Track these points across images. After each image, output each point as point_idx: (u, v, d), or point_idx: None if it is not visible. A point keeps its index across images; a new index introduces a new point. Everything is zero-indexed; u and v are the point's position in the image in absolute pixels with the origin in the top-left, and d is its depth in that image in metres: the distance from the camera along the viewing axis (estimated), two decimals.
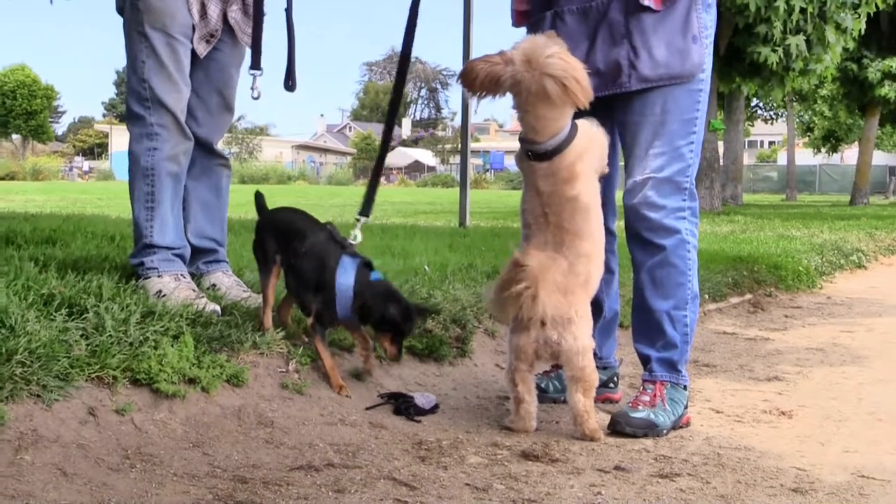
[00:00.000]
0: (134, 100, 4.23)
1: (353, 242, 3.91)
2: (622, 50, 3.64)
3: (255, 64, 4.43)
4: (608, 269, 3.77)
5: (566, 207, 3.44)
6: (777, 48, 17.88)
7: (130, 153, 4.28)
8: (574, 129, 3.46)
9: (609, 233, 3.91)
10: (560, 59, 3.34)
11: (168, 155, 4.21)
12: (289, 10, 4.46)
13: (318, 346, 3.84)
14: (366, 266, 3.83)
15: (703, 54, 3.68)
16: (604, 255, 3.58)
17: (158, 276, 4.17)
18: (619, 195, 3.82)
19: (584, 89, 3.34)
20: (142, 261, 4.23)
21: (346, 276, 3.75)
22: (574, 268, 3.43)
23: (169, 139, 4.20)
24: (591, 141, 3.52)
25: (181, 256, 4.33)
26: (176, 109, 4.21)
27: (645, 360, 3.83)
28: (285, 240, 3.95)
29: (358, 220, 4.03)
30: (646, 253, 3.76)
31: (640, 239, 3.77)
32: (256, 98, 4.41)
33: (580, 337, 3.47)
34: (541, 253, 3.41)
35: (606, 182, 3.87)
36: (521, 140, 3.54)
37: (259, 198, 4.25)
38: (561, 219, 3.45)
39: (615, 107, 3.75)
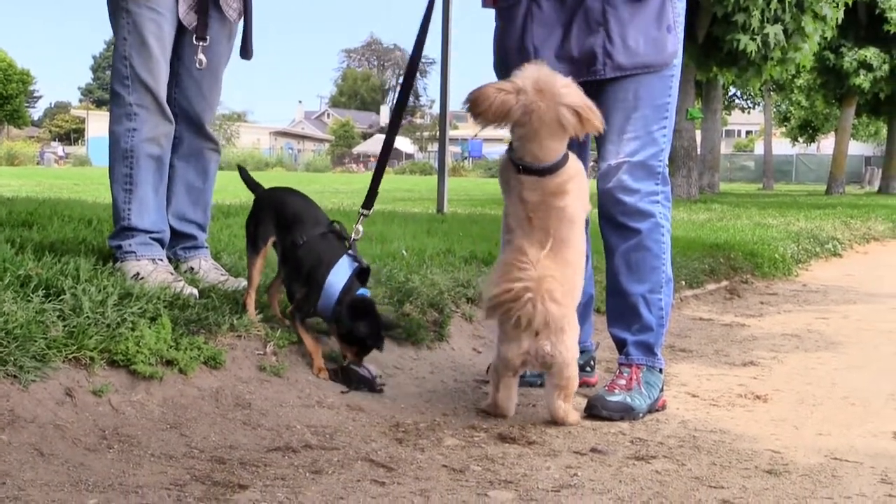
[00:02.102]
0: (115, 78, 4.20)
1: (356, 238, 3.92)
2: (598, 38, 3.65)
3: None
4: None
5: (552, 215, 3.41)
6: (755, 37, 17.94)
7: (111, 133, 4.24)
8: (567, 155, 3.47)
9: None
10: (574, 89, 3.37)
11: (147, 136, 4.18)
12: None
13: (299, 331, 3.85)
14: (360, 274, 3.84)
15: (676, 44, 3.72)
16: (584, 268, 3.59)
17: (136, 260, 4.15)
18: (591, 184, 3.83)
19: (599, 118, 3.38)
20: (119, 244, 4.21)
21: (337, 278, 3.77)
22: (563, 276, 3.40)
23: (148, 120, 4.17)
24: (580, 171, 3.53)
25: (160, 241, 4.30)
26: (156, 89, 4.18)
27: (621, 344, 3.85)
28: (286, 224, 3.94)
29: (361, 215, 4.04)
30: (620, 237, 3.77)
31: (614, 223, 3.78)
32: (200, 68, 4.31)
33: (571, 348, 3.45)
34: (539, 256, 3.35)
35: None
36: (512, 159, 3.51)
37: (243, 172, 4.24)
38: (547, 224, 3.41)
39: (588, 93, 3.76)
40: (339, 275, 3.78)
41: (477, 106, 3.38)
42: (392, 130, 4.27)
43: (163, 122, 4.23)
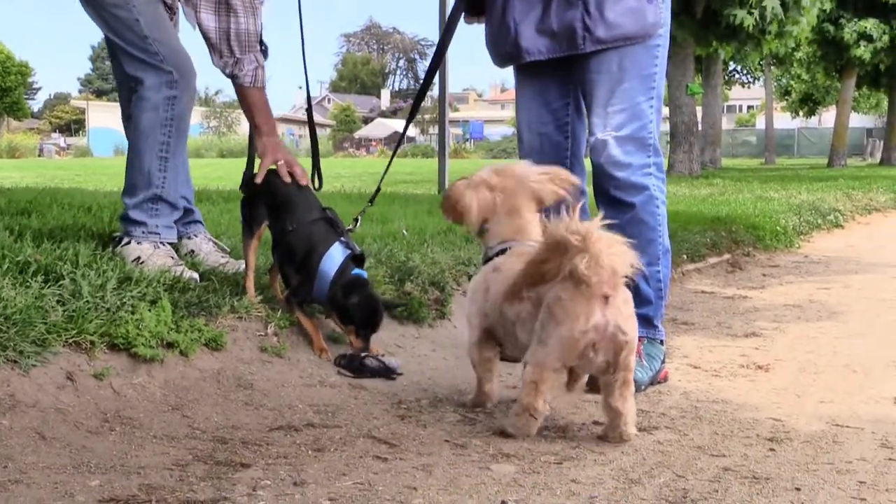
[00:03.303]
0: (140, 60, 4.13)
1: (350, 229, 3.92)
2: (576, 12, 3.64)
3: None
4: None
5: None
6: (753, 10, 17.89)
7: (143, 101, 4.15)
8: None
9: (580, 192, 3.93)
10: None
11: (186, 105, 4.20)
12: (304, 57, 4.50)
13: (297, 314, 3.86)
14: (355, 260, 3.85)
15: (658, 13, 3.69)
16: None
17: (138, 243, 4.14)
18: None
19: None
20: (145, 220, 4.18)
21: (330, 264, 3.78)
22: None
23: (187, 88, 4.17)
24: None
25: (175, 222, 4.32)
26: (185, 52, 4.20)
27: None
28: (277, 209, 3.94)
29: (363, 210, 4.05)
30: (615, 211, 3.75)
31: (608, 198, 3.78)
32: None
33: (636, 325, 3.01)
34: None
35: (575, 141, 3.90)
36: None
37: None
38: None
39: (573, 67, 3.77)
40: (332, 262, 3.79)
41: (449, 213, 3.42)
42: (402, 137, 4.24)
43: (194, 85, 4.26)
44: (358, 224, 4.03)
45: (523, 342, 3.07)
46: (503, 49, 3.84)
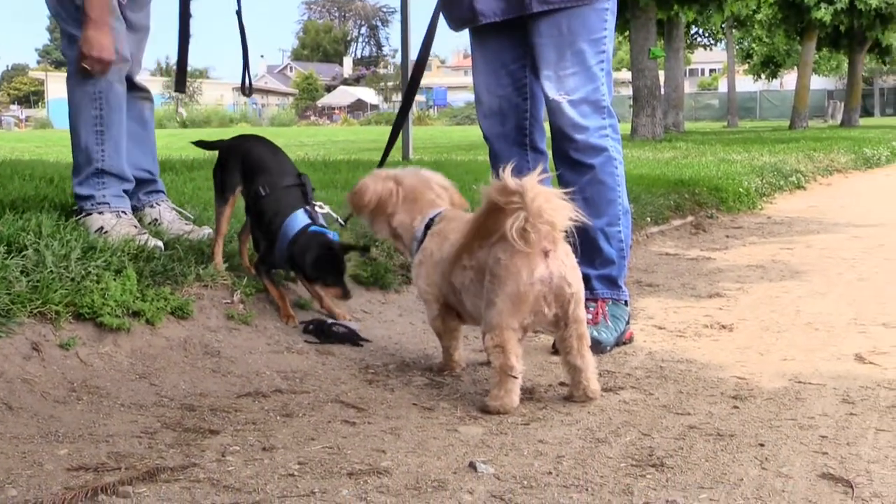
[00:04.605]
0: (73, 24, 4.12)
1: (319, 204, 3.90)
2: None
3: (180, 87, 4.40)
4: None
5: None
6: None
7: (71, 79, 4.18)
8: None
9: (539, 152, 3.97)
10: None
11: (115, 77, 4.16)
12: (239, 14, 4.46)
13: (264, 281, 3.86)
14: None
15: None
16: None
17: (99, 213, 4.13)
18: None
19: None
20: (92, 193, 4.17)
21: (291, 228, 3.77)
22: None
23: (116, 60, 4.14)
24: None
25: (127, 192, 4.29)
26: (119, 30, 4.17)
27: (584, 280, 3.85)
28: (251, 173, 3.92)
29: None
30: (575, 173, 3.79)
31: (568, 160, 3.80)
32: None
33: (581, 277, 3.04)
34: None
35: (533, 103, 3.92)
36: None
37: (200, 144, 4.31)
38: None
39: (527, 30, 3.78)
40: (293, 226, 3.77)
41: (356, 204, 3.44)
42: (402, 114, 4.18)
43: (124, 63, 4.22)
44: (325, 209, 3.98)
45: (470, 310, 3.12)
46: (459, 13, 3.85)
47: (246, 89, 4.51)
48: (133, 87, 4.50)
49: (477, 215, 2.92)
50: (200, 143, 4.29)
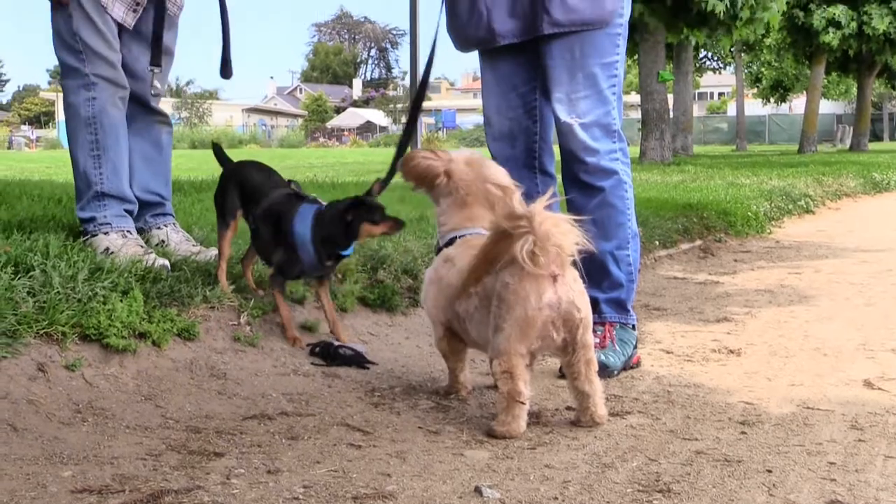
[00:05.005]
0: (67, 53, 4.22)
1: (315, 196, 3.88)
2: None
3: (155, 61, 4.41)
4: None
5: None
6: None
7: (69, 106, 4.25)
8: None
9: (548, 175, 3.96)
10: (501, 170, 3.33)
11: (108, 102, 4.20)
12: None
13: (276, 298, 3.82)
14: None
15: (616, 1, 3.72)
16: None
17: (105, 234, 4.15)
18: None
19: (520, 199, 3.26)
20: (93, 215, 4.20)
21: (303, 224, 3.72)
22: None
23: (107, 88, 4.20)
24: None
25: (131, 213, 4.31)
26: (112, 58, 4.21)
27: (592, 303, 3.84)
28: (250, 195, 3.92)
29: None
30: (585, 196, 3.79)
31: (578, 182, 3.81)
32: (156, 95, 4.46)
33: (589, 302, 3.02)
34: None
35: (543, 125, 3.92)
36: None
37: (217, 149, 4.24)
38: None
39: (538, 52, 3.79)
40: (304, 220, 3.73)
41: (404, 166, 3.38)
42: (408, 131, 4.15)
43: (120, 88, 4.25)
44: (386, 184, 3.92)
45: (475, 338, 3.11)
46: (474, 34, 3.84)
47: (227, 71, 4.50)
48: (151, 111, 4.54)
49: (486, 242, 2.91)
50: (218, 149, 4.27)
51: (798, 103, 55.32)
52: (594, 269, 3.80)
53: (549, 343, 2.91)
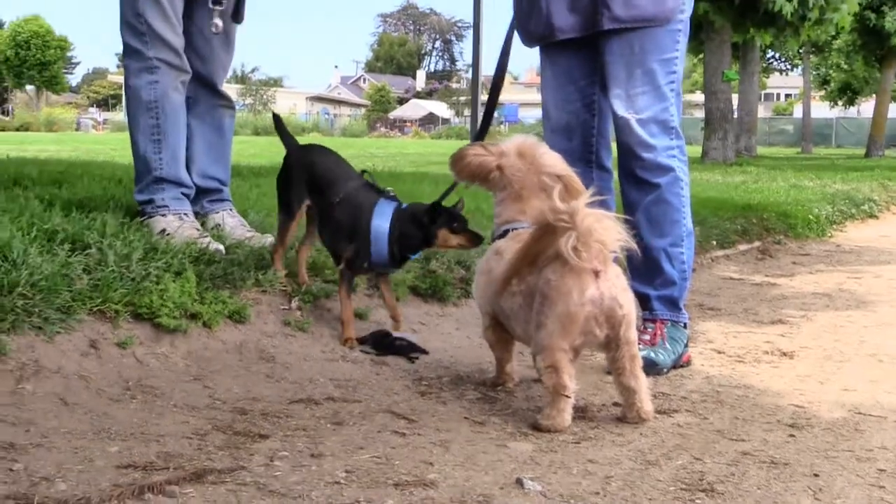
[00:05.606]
0: (131, 34, 4.24)
1: (392, 191, 3.86)
2: None
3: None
4: (606, 209, 3.74)
5: None
6: None
7: (129, 87, 4.28)
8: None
9: (605, 170, 3.94)
10: (555, 156, 3.28)
11: (171, 87, 4.23)
12: None
13: (342, 293, 3.75)
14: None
15: None
16: None
17: (163, 216, 4.19)
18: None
19: (580, 183, 3.22)
20: (151, 198, 4.24)
21: (382, 220, 3.68)
22: None
23: (169, 72, 4.22)
24: None
25: (187, 196, 4.35)
26: (175, 43, 4.22)
27: (644, 300, 3.84)
28: (319, 185, 3.84)
29: None
30: (641, 192, 3.77)
31: (634, 178, 3.78)
32: (216, 33, 4.41)
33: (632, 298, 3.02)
34: None
35: (601, 119, 3.90)
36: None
37: (277, 120, 4.22)
38: None
39: (598, 47, 3.76)
40: (382, 218, 3.68)
41: (455, 164, 3.36)
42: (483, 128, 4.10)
43: (182, 73, 4.28)
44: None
45: (520, 335, 3.11)
46: (535, 29, 3.84)
47: (239, 16, 4.52)
48: (216, 94, 4.58)
49: (528, 238, 2.91)
50: (278, 121, 4.24)
51: (867, 107, 54.49)
52: (647, 266, 3.78)
53: (592, 339, 2.89)
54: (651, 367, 3.59)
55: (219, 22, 4.34)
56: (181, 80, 4.29)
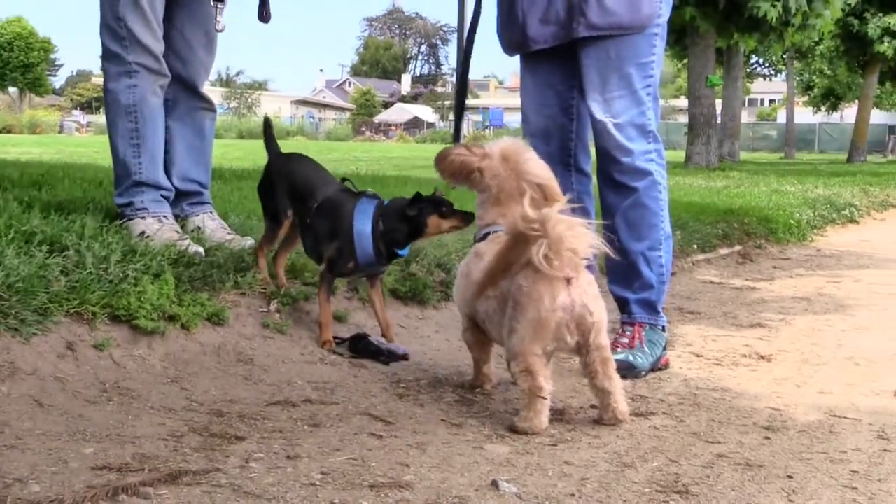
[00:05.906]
0: (111, 38, 4.21)
1: (374, 191, 3.85)
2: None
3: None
4: (585, 213, 3.75)
5: None
6: (776, 3, 17.79)
7: (108, 91, 4.26)
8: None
9: (583, 174, 3.96)
10: (538, 162, 3.26)
11: (149, 91, 4.21)
12: None
13: (321, 296, 3.75)
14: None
15: (654, 5, 3.70)
16: None
17: (142, 218, 4.18)
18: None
19: (559, 191, 3.21)
20: (131, 200, 4.23)
21: (364, 218, 3.66)
22: None
23: (148, 77, 4.20)
24: None
25: (167, 198, 4.34)
26: (154, 48, 4.21)
27: (622, 303, 3.86)
28: (300, 192, 3.84)
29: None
30: (619, 195, 3.79)
31: (612, 182, 3.80)
32: (220, 31, 4.43)
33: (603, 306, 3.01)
34: None
35: (580, 124, 3.92)
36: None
37: (267, 125, 4.20)
38: None
39: (575, 53, 3.78)
40: (364, 216, 3.66)
41: (439, 163, 3.35)
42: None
43: (161, 77, 4.26)
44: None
45: (494, 337, 3.14)
46: (512, 38, 3.88)
47: (266, 15, 4.51)
48: (197, 96, 4.56)
49: (502, 247, 2.92)
50: (268, 126, 4.20)
51: (850, 112, 54.74)
52: (625, 270, 3.80)
53: (563, 345, 2.91)
54: (629, 370, 3.61)
55: (222, 20, 4.37)
56: (160, 83, 4.27)
